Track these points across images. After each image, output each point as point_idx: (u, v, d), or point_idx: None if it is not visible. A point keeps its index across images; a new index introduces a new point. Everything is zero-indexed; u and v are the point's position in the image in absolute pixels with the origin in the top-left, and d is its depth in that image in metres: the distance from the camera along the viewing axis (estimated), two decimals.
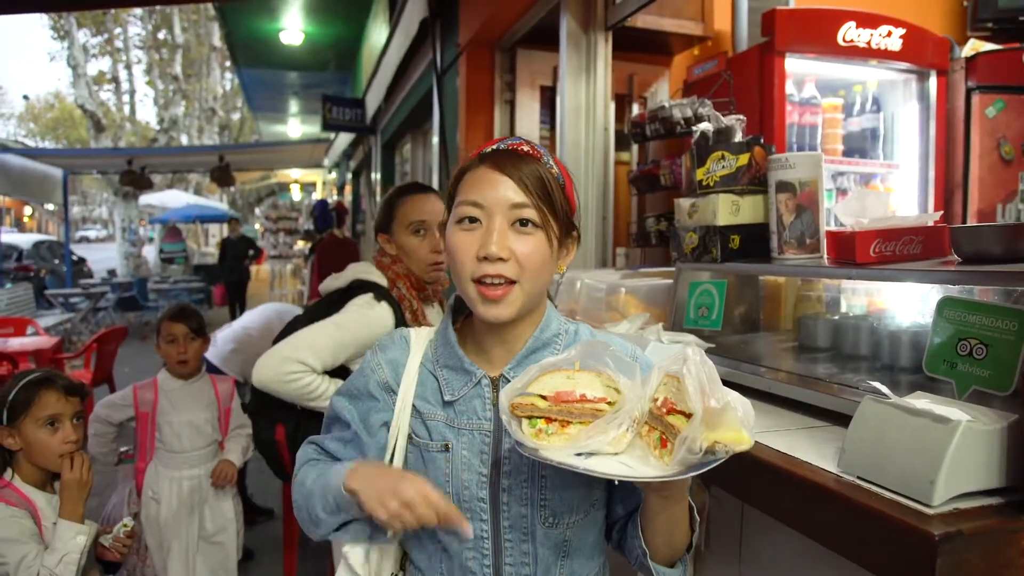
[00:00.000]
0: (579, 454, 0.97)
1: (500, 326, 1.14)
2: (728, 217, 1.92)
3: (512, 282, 1.09)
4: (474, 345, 1.21)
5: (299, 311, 3.96)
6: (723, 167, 1.94)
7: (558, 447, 0.98)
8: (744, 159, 1.91)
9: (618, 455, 0.99)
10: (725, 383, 1.78)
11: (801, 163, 1.82)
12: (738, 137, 1.98)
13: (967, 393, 1.22)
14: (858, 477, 1.11)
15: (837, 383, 1.54)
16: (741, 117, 1.99)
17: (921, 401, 1.09)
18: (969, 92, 3.55)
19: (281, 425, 2.19)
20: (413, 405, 1.20)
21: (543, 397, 1.01)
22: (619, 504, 1.22)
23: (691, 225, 2.02)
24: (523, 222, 1.10)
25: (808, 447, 1.30)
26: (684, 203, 2.05)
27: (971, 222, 3.52)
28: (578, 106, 3.44)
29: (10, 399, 2.02)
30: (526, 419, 1.01)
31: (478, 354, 1.20)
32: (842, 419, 1.43)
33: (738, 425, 0.91)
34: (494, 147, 1.17)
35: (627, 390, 1.00)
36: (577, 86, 3.44)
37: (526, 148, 1.16)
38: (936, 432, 1.01)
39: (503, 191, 1.10)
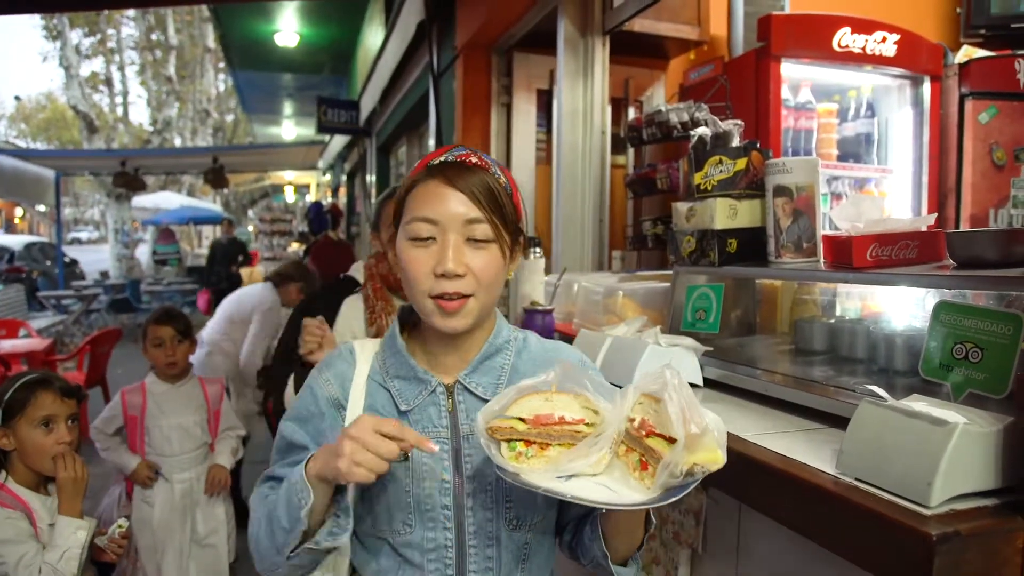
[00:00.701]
0: (560, 477, 0.98)
1: (454, 335, 1.15)
2: (725, 221, 1.93)
3: (468, 296, 1.10)
4: (425, 354, 1.21)
5: (258, 289, 3.99)
6: (721, 171, 1.95)
7: (539, 470, 0.99)
8: (742, 163, 1.93)
9: (597, 476, 1.00)
10: (722, 386, 1.80)
11: (798, 168, 1.84)
12: (736, 142, 2.00)
13: (963, 396, 1.23)
14: (856, 479, 1.12)
15: (834, 386, 1.56)
16: (739, 122, 2.00)
17: (918, 404, 1.11)
18: (962, 98, 3.58)
19: None
20: None
21: (522, 420, 1.02)
22: (572, 507, 1.22)
23: (689, 229, 2.04)
24: (477, 237, 1.10)
25: (806, 449, 1.31)
26: (682, 207, 2.06)
27: (964, 227, 3.56)
28: (575, 110, 3.45)
29: (6, 399, 2.02)
30: (505, 442, 1.02)
31: (430, 363, 1.20)
32: (839, 421, 1.44)
33: (714, 446, 0.93)
34: (442, 159, 1.16)
35: (606, 413, 1.01)
36: (575, 90, 3.45)
37: (474, 159, 1.16)
38: (934, 434, 1.02)
39: (455, 206, 1.09)
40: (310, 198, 23.97)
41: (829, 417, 1.49)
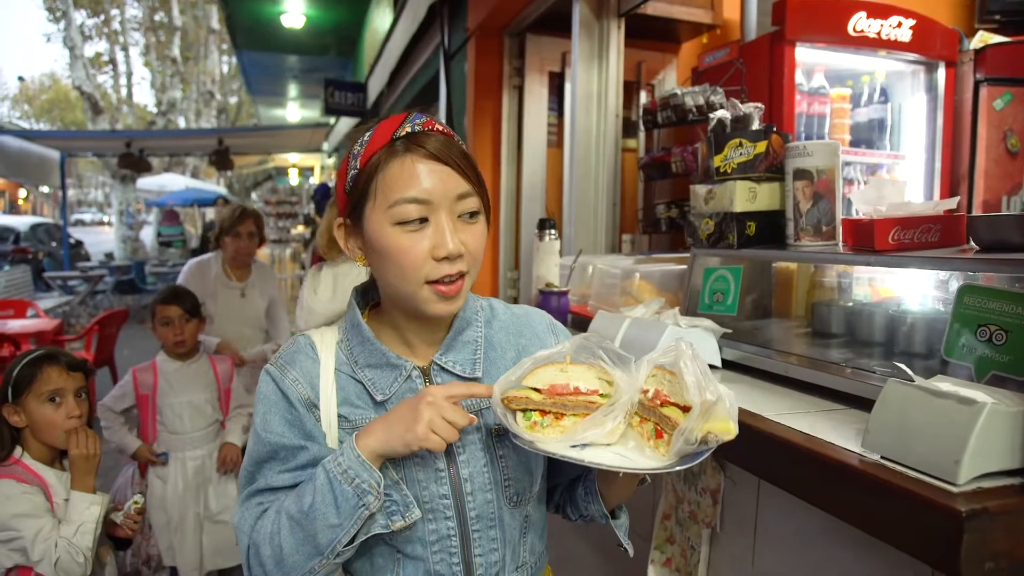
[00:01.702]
0: (574, 445, 1.00)
1: (426, 317, 1.08)
2: (745, 204, 1.94)
3: (464, 274, 1.06)
4: (393, 337, 1.14)
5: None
6: (741, 154, 1.95)
7: (554, 439, 1.00)
8: (762, 147, 1.93)
9: (611, 446, 1.01)
10: (741, 367, 1.81)
11: (819, 151, 1.84)
12: (755, 125, 2.00)
13: (986, 377, 1.24)
14: (882, 457, 1.14)
15: (853, 368, 1.57)
16: (759, 105, 2.00)
17: (944, 384, 1.12)
18: (977, 84, 3.57)
19: None
20: (340, 415, 1.10)
21: (537, 390, 1.03)
22: (565, 470, 1.24)
23: (707, 211, 2.04)
24: (471, 213, 1.05)
25: (829, 428, 1.32)
26: (700, 189, 2.07)
27: (976, 213, 3.56)
28: (590, 93, 3.44)
29: (14, 376, 2.04)
30: (520, 412, 1.03)
31: (400, 346, 1.14)
32: (858, 402, 1.46)
33: (727, 416, 0.95)
34: (408, 129, 1.04)
35: (621, 382, 1.02)
36: (589, 73, 3.44)
37: (439, 127, 1.07)
38: (962, 414, 1.03)
39: (445, 181, 1.02)
40: (314, 180, 23.93)
41: (849, 398, 1.50)
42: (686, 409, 0.96)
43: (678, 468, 0.96)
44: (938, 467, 1.04)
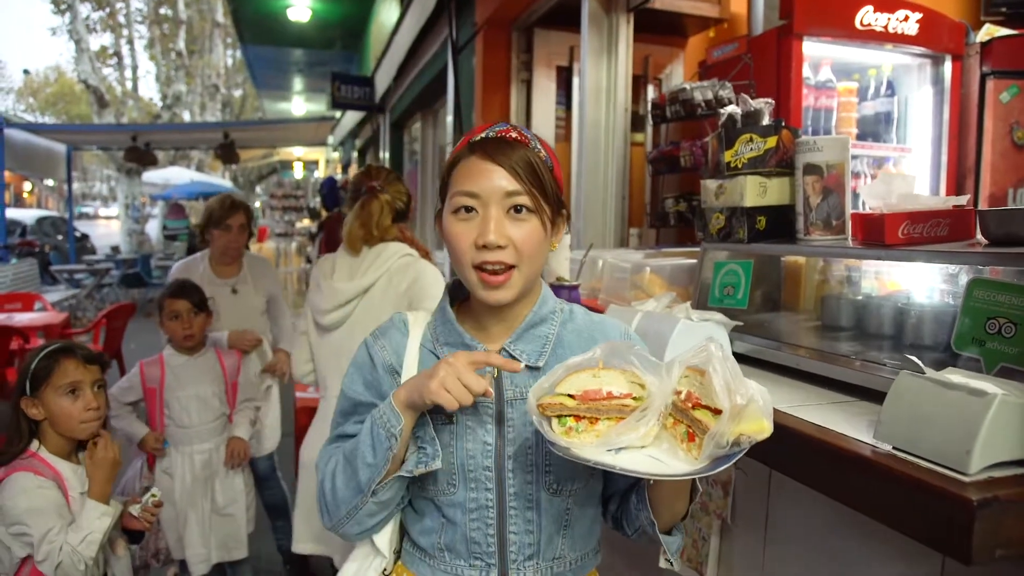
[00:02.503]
0: (609, 450, 1.02)
1: (500, 306, 1.18)
2: (755, 198, 1.96)
3: (511, 267, 1.14)
4: (473, 323, 1.25)
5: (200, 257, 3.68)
6: (751, 149, 1.97)
7: (589, 444, 1.03)
8: (772, 142, 1.95)
9: (645, 448, 1.03)
10: (752, 360, 1.84)
11: (829, 146, 1.86)
12: (766, 120, 2.02)
13: (995, 369, 1.27)
14: (894, 447, 1.16)
15: (863, 360, 1.59)
16: (769, 100, 2.02)
17: (955, 376, 1.14)
18: (984, 77, 3.58)
19: None
20: None
21: (571, 396, 1.05)
22: (618, 479, 1.25)
23: (718, 206, 2.06)
24: (517, 208, 1.14)
25: (839, 420, 1.35)
26: (711, 184, 2.09)
27: (982, 206, 3.57)
28: (599, 87, 3.46)
29: (32, 369, 2.04)
30: (556, 418, 1.05)
31: (477, 331, 1.24)
32: (868, 394, 1.48)
33: (760, 415, 0.96)
34: (483, 135, 1.20)
35: (653, 386, 1.05)
36: (598, 67, 3.46)
37: (514, 135, 1.19)
38: (973, 405, 1.06)
39: (496, 180, 1.13)
40: (318, 174, 23.95)
41: (858, 390, 1.53)
42: (717, 412, 0.97)
43: (710, 473, 0.97)
44: (950, 457, 1.06)
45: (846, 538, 1.36)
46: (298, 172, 26.29)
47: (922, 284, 1.88)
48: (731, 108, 2.07)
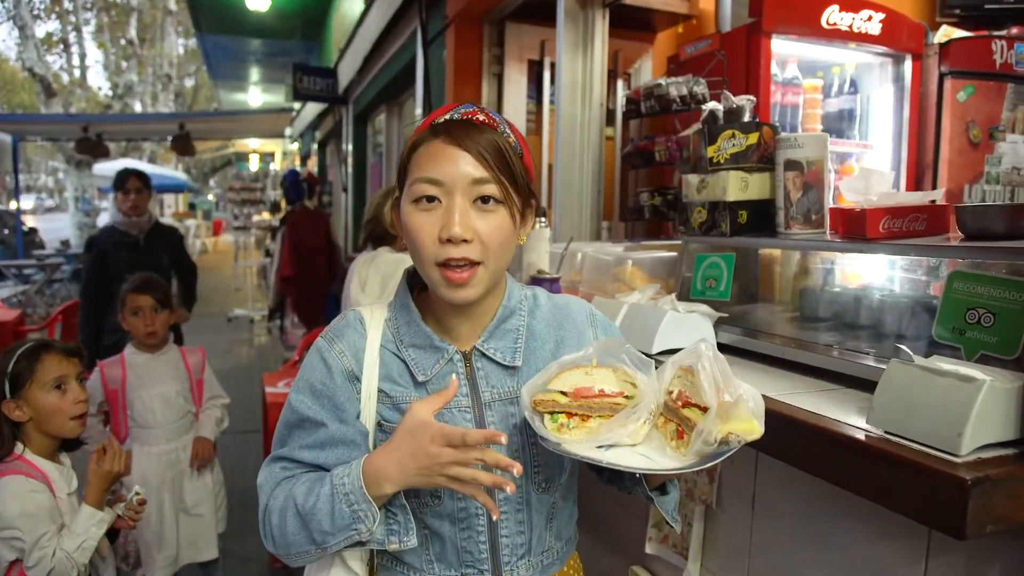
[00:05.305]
0: (600, 446, 1.04)
1: (466, 304, 1.11)
2: (737, 193, 2.01)
3: (476, 263, 1.06)
4: (437, 322, 1.17)
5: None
6: (734, 145, 2.02)
7: (580, 440, 1.05)
8: (754, 138, 2.00)
9: (636, 446, 1.06)
10: (736, 351, 1.89)
11: (809, 143, 1.92)
12: (747, 117, 2.07)
13: (975, 357, 1.33)
14: (886, 431, 1.22)
15: (849, 350, 1.65)
16: (751, 97, 2.07)
17: (944, 363, 1.20)
18: (942, 77, 3.70)
19: None
20: (380, 390, 1.14)
21: (563, 393, 1.07)
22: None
23: (700, 200, 2.11)
24: (484, 199, 1.05)
25: (830, 406, 1.40)
26: (693, 179, 2.14)
27: (939, 203, 3.69)
28: (575, 82, 3.49)
29: (11, 370, 2.00)
30: (548, 414, 1.07)
31: (443, 330, 1.16)
32: (853, 382, 1.54)
33: (749, 416, 0.99)
34: (447, 116, 1.10)
35: (643, 385, 1.07)
36: (574, 62, 3.49)
37: (482, 117, 1.09)
38: (963, 390, 1.12)
39: (462, 167, 1.04)
40: (275, 166, 23.56)
41: (843, 378, 1.58)
42: (706, 410, 0.99)
43: (696, 468, 0.99)
44: (941, 440, 1.12)
45: (834, 522, 1.41)
46: (254, 164, 25.84)
47: (901, 276, 1.95)
48: (712, 104, 2.12)
